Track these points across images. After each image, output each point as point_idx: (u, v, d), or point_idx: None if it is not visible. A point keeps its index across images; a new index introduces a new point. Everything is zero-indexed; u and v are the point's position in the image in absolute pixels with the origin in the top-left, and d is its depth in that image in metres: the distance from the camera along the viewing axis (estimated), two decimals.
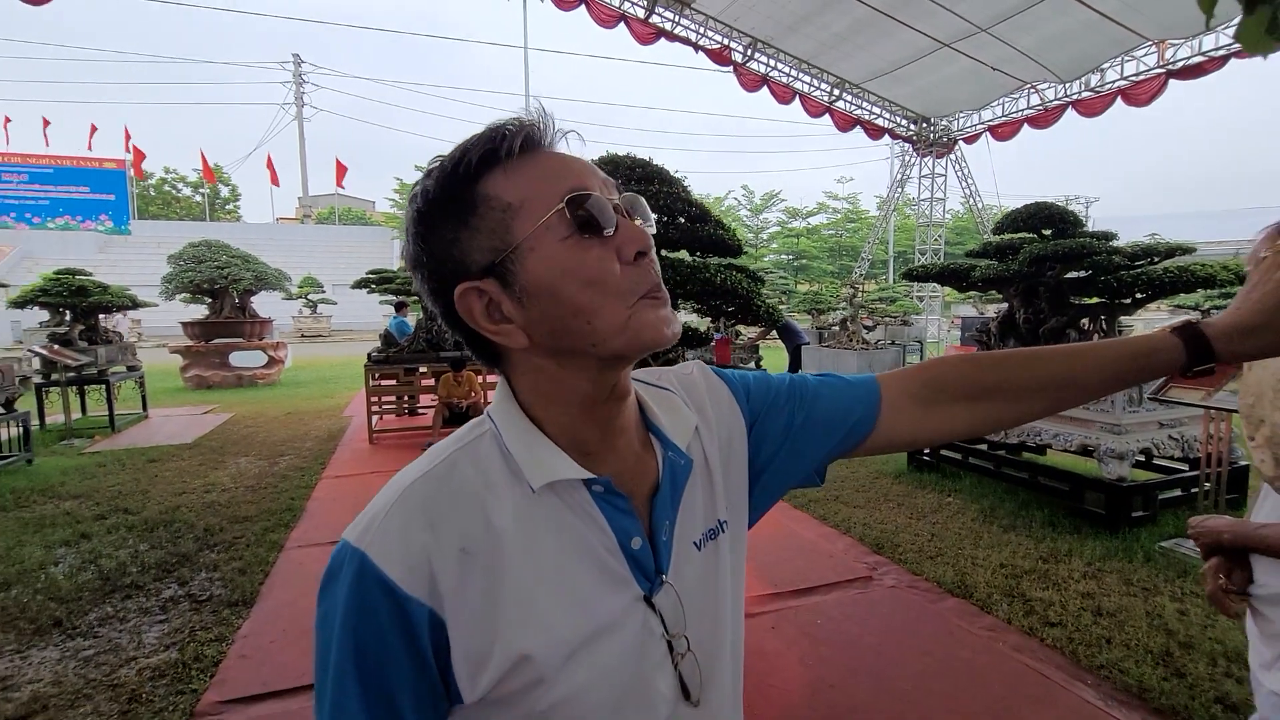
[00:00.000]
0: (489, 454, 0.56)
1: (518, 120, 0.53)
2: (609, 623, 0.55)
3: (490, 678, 0.51)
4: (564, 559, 0.55)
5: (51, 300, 8.32)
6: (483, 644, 0.51)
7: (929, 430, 0.71)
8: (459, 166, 0.52)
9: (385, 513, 0.52)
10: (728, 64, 13.41)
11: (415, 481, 0.54)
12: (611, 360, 0.55)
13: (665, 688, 0.58)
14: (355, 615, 0.50)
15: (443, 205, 0.53)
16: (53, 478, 5.36)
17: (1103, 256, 4.56)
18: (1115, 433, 4.10)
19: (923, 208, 21.21)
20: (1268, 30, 0.57)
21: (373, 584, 0.50)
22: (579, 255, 0.51)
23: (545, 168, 0.53)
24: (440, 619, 0.51)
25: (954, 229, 35.53)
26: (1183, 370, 0.63)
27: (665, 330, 0.54)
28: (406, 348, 7.60)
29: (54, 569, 3.55)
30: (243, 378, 11.76)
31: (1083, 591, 3.23)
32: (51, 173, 33.47)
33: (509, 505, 0.54)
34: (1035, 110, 13.61)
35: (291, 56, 41.93)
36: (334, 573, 0.52)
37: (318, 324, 24.95)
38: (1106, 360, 0.66)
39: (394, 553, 0.50)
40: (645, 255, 0.54)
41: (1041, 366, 0.68)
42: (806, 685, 2.53)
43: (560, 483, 0.55)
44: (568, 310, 0.52)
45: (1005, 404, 0.69)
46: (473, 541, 0.52)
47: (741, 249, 3.12)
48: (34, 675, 2.56)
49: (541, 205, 0.51)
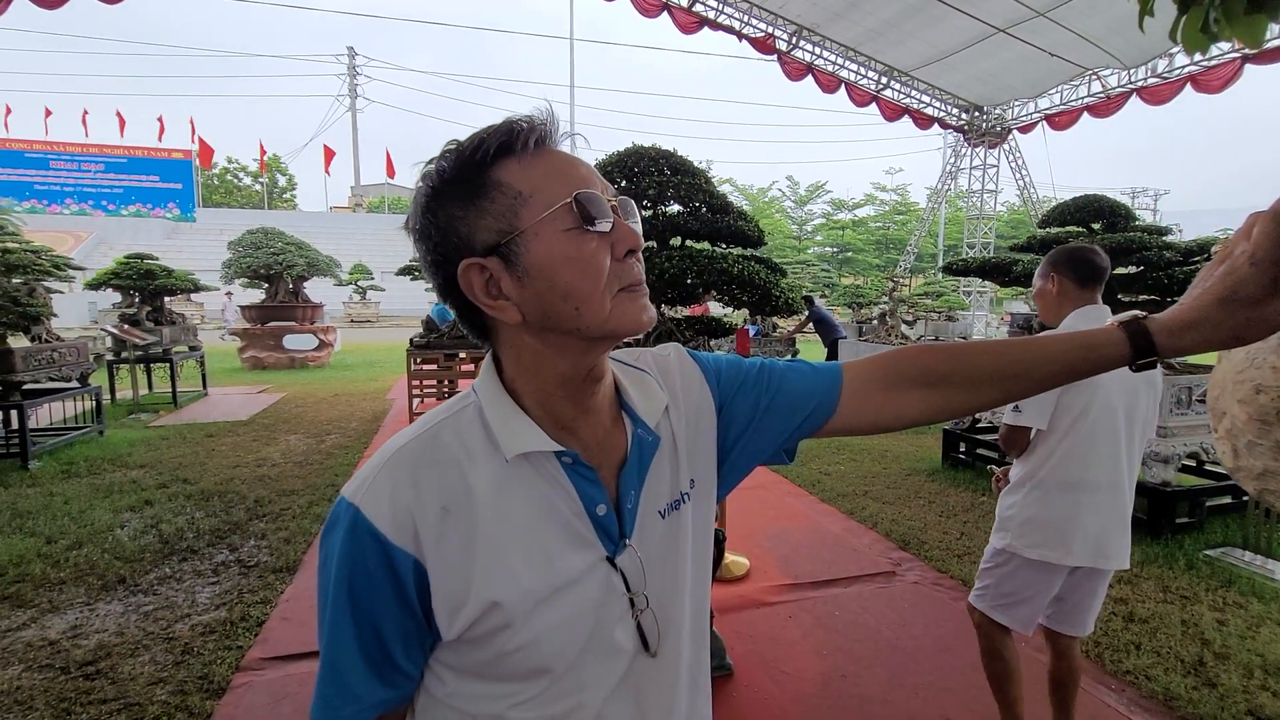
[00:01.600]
0: (470, 424, 0.63)
1: (529, 119, 0.59)
2: (572, 578, 0.61)
3: (465, 620, 0.58)
4: (533, 520, 0.61)
5: (122, 283, 8.87)
6: (459, 590, 0.58)
7: (888, 415, 0.74)
8: (475, 153, 0.58)
9: (376, 473, 0.60)
10: (772, 52, 13.20)
11: (403, 446, 0.61)
12: (592, 342, 0.61)
13: (625, 640, 0.64)
14: (349, 560, 0.58)
15: (455, 186, 0.59)
16: (121, 448, 5.75)
17: (1154, 252, 4.37)
18: (1160, 435, 3.94)
19: (974, 200, 20.51)
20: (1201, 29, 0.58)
21: (364, 534, 0.57)
22: (577, 246, 0.57)
23: (556, 164, 0.59)
24: (423, 567, 0.58)
25: (1008, 222, 34.24)
26: (1128, 363, 0.65)
27: (641, 318, 0.61)
28: (447, 333, 7.82)
29: (120, 531, 3.83)
30: (295, 360, 12.29)
31: (1116, 596, 3.14)
32: (125, 163, 35.36)
33: (485, 471, 0.60)
34: (1096, 98, 12.97)
35: (346, 49, 43.20)
36: (333, 523, 0.60)
37: (366, 310, 25.76)
38: (1054, 353, 0.68)
39: (383, 508, 0.58)
40: (634, 254, 0.61)
41: (992, 357, 0.71)
42: (820, 674, 2.55)
43: (533, 453, 0.61)
44: (560, 293, 0.58)
45: (958, 392, 0.72)
46: (452, 501, 0.59)
47: (762, 239, 3.12)
48: (100, 626, 2.79)
49: (550, 197, 0.57)
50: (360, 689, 0.59)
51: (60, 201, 34.09)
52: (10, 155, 33.57)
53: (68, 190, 34.32)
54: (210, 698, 2.32)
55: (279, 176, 49.62)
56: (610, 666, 0.64)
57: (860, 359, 0.77)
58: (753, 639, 2.79)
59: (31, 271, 5.75)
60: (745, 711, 2.32)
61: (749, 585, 3.28)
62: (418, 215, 0.61)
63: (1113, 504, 1.87)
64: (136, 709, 2.25)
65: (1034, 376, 0.70)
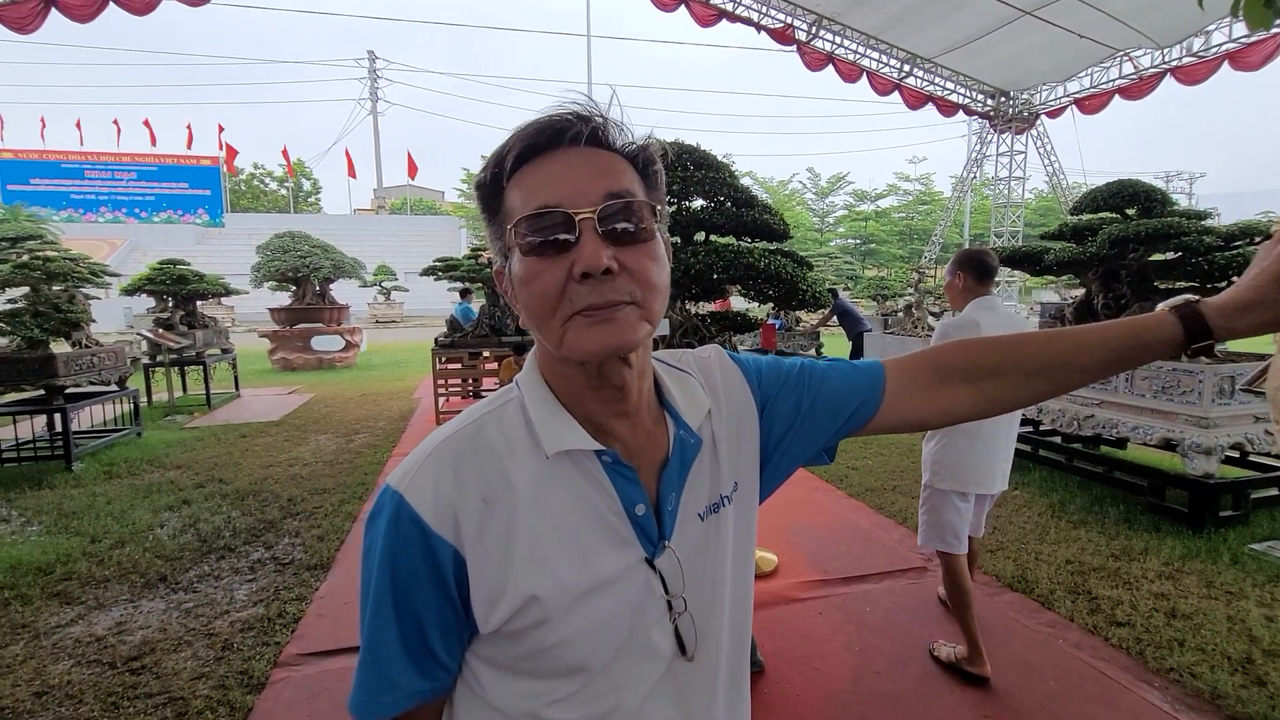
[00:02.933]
0: (513, 419, 0.63)
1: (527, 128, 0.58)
2: (610, 577, 0.61)
3: (502, 613, 0.58)
4: (573, 517, 0.61)
5: (156, 288, 9.11)
6: (497, 583, 0.58)
7: (934, 411, 0.73)
8: (485, 173, 0.61)
9: (420, 463, 0.60)
10: (791, 43, 13.05)
11: (448, 438, 0.62)
12: (567, 360, 0.60)
13: (662, 642, 0.64)
14: (392, 548, 0.58)
15: (480, 203, 0.63)
16: (159, 449, 5.91)
17: (1193, 237, 4.23)
18: (1202, 426, 3.82)
19: (1001, 188, 20.07)
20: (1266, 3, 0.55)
21: (408, 522, 0.58)
22: (530, 269, 0.57)
23: (530, 182, 0.58)
24: (462, 557, 0.59)
25: (1036, 210, 33.44)
26: (1181, 348, 0.62)
27: (590, 346, 0.56)
28: (471, 333, 7.89)
29: (159, 530, 3.94)
30: (323, 360, 12.51)
31: (1156, 592, 3.06)
32: (156, 170, 36.26)
33: (526, 466, 0.61)
34: (1128, 80, 12.60)
35: (366, 53, 43.68)
36: (377, 511, 0.61)
37: (391, 310, 26.12)
38: (1104, 341, 0.66)
39: (426, 497, 0.58)
40: (590, 276, 0.55)
41: (1039, 348, 0.69)
42: (851, 671, 2.53)
43: (573, 450, 0.61)
44: (525, 312, 0.60)
45: (1007, 385, 0.70)
46: (492, 494, 0.59)
47: (788, 233, 3.08)
48: (144, 622, 2.87)
49: (512, 219, 0.58)
50: (400, 677, 0.60)
51: (95, 210, 35.11)
52: (48, 166, 34.66)
53: (102, 199, 35.34)
54: (250, 692, 2.38)
55: (303, 180, 50.49)
56: (648, 668, 0.63)
57: (903, 355, 0.75)
58: (783, 635, 2.77)
59: (71, 279, 5.93)
60: (778, 708, 2.31)
61: (778, 581, 3.26)
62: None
63: (992, 445, 2.52)
64: (180, 703, 2.31)
65: (1083, 365, 0.68)
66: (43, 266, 5.75)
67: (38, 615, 2.92)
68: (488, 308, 8.09)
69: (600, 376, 0.61)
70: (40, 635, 2.76)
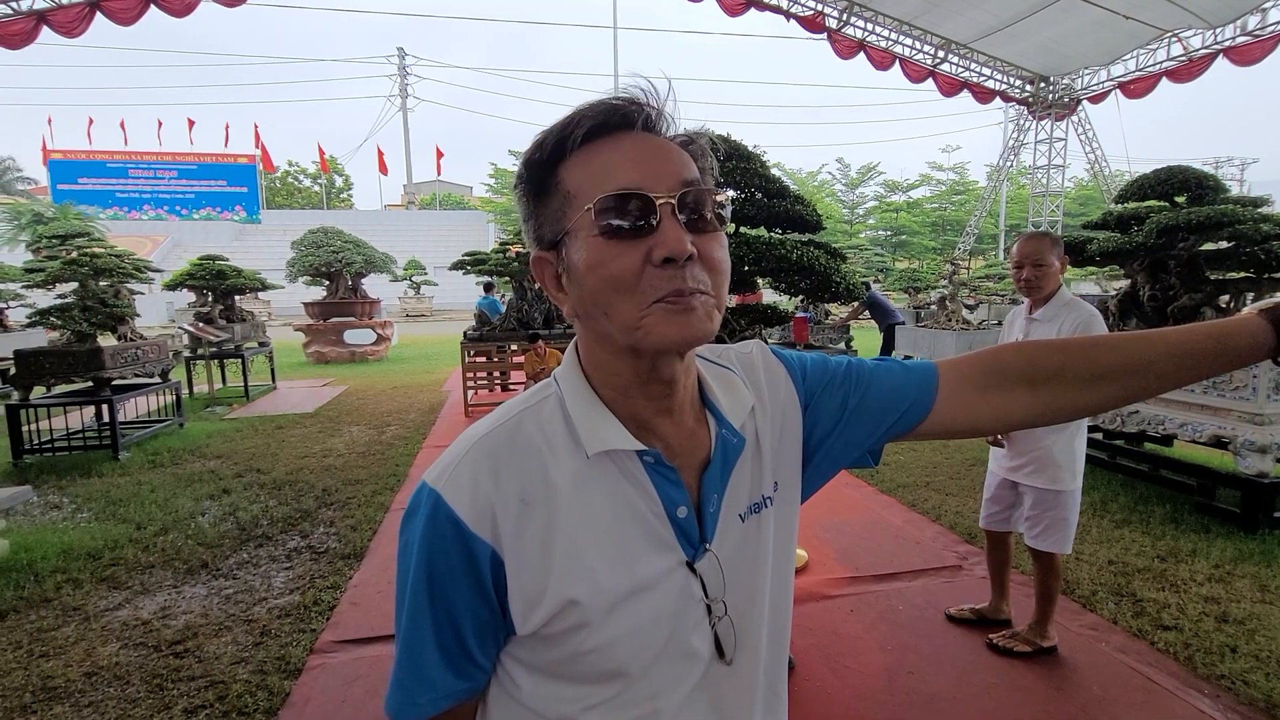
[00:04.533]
0: (552, 416, 0.61)
1: (593, 107, 0.56)
2: (650, 581, 0.59)
3: (541, 616, 0.57)
4: (613, 519, 0.59)
5: (196, 283, 9.37)
6: (535, 585, 0.57)
7: (987, 416, 0.69)
8: (536, 153, 0.58)
9: (458, 461, 0.59)
10: (821, 30, 12.83)
11: (486, 435, 0.60)
12: (628, 352, 0.58)
13: (701, 646, 0.62)
14: (429, 547, 0.57)
15: (526, 184, 0.60)
16: (200, 440, 6.09)
17: (1248, 225, 4.03)
18: (1256, 423, 3.66)
19: (1039, 176, 19.48)
20: None
21: (445, 521, 0.57)
22: (604, 252, 0.55)
23: (601, 162, 0.56)
24: (500, 558, 0.57)
25: (1076, 199, 32.41)
26: (1272, 353, 0.58)
27: (675, 334, 0.55)
28: (498, 326, 7.96)
29: (201, 519, 4.06)
30: (355, 354, 12.75)
31: (1206, 595, 2.94)
32: (196, 169, 37.39)
33: (566, 466, 0.59)
34: (1177, 61, 12.10)
35: (396, 50, 44.26)
36: (414, 509, 0.59)
37: (421, 304, 26.50)
38: (1182, 344, 0.61)
39: (463, 496, 0.57)
40: (673, 261, 0.54)
41: (1108, 352, 0.64)
42: (884, 670, 2.48)
43: (615, 450, 0.59)
44: (589, 299, 0.57)
45: (1069, 390, 0.66)
46: (531, 494, 0.58)
47: (820, 224, 3.02)
48: (187, 607, 2.96)
49: (584, 200, 0.55)
50: (436, 677, 0.59)
51: (139, 208, 36.32)
52: (94, 166, 35.95)
53: (145, 197, 36.54)
54: (288, 678, 2.43)
55: (336, 177, 51.45)
56: (685, 673, 0.61)
57: (958, 356, 0.71)
58: (813, 633, 2.73)
59: (116, 274, 6.13)
60: (809, 707, 2.28)
61: (808, 578, 3.22)
62: (516, 204, 0.63)
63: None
64: (221, 686, 2.37)
65: (1159, 371, 0.63)
66: (90, 263, 5.96)
67: (88, 599, 3.03)
68: (515, 301, 8.13)
69: (653, 370, 0.59)
70: (90, 618, 2.86)
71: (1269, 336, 0.59)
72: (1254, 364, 0.59)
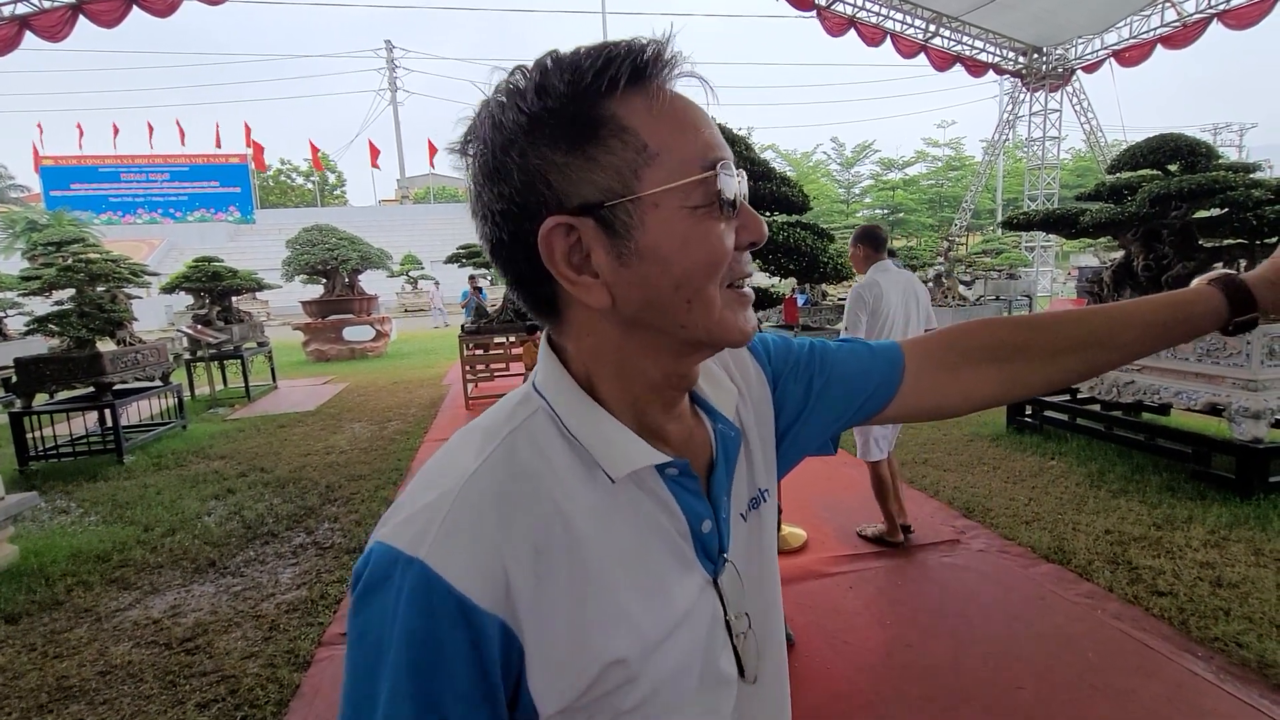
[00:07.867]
0: (546, 434, 0.49)
1: (636, 41, 0.45)
2: (686, 611, 0.51)
3: (579, 686, 0.45)
4: (641, 549, 0.49)
5: (193, 286, 9.39)
6: (568, 652, 0.45)
7: (955, 395, 0.67)
8: (598, 79, 0.43)
9: (445, 513, 0.44)
10: (811, 8, 12.69)
11: (474, 474, 0.46)
12: (692, 346, 0.50)
13: (728, 668, 0.54)
14: (416, 636, 0.41)
15: (560, 119, 0.44)
16: (203, 441, 6.13)
17: (1240, 191, 4.02)
18: (1250, 389, 3.68)
19: (1034, 149, 19.35)
20: None
21: (441, 600, 0.41)
22: (705, 230, 0.45)
23: (690, 118, 0.46)
24: (512, 631, 0.43)
25: (1073, 170, 32.20)
26: (1224, 322, 0.59)
27: (749, 325, 0.50)
28: (495, 318, 7.97)
29: (207, 519, 4.10)
30: (354, 350, 12.78)
31: (1201, 561, 2.98)
32: (188, 171, 37.20)
33: (581, 494, 0.48)
34: (1171, 28, 11.97)
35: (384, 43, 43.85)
36: (376, 584, 0.43)
37: (418, 299, 26.48)
38: (1142, 316, 0.62)
39: (461, 561, 0.42)
40: (755, 246, 0.49)
41: (1072, 325, 0.64)
42: (883, 644, 2.52)
43: (636, 469, 0.50)
44: (673, 281, 0.46)
45: (1034, 364, 0.65)
46: (546, 538, 0.45)
47: (808, 205, 3.02)
48: (196, 605, 3.01)
49: (682, 162, 0.45)
50: None
51: (133, 211, 36.20)
52: (86, 171, 35.78)
53: (139, 200, 36.41)
54: (297, 670, 2.48)
55: (329, 174, 51.21)
56: (719, 702, 0.54)
57: (921, 335, 0.72)
58: (813, 610, 2.77)
59: (112, 279, 6.15)
60: (809, 682, 2.32)
61: (807, 556, 3.26)
62: (492, 151, 0.46)
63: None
64: (232, 680, 2.42)
65: (1121, 342, 0.64)
66: (86, 269, 5.97)
67: (98, 600, 3.08)
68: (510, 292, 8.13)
69: (689, 371, 0.53)
70: (102, 619, 2.91)
71: (1221, 305, 0.60)
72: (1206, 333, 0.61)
